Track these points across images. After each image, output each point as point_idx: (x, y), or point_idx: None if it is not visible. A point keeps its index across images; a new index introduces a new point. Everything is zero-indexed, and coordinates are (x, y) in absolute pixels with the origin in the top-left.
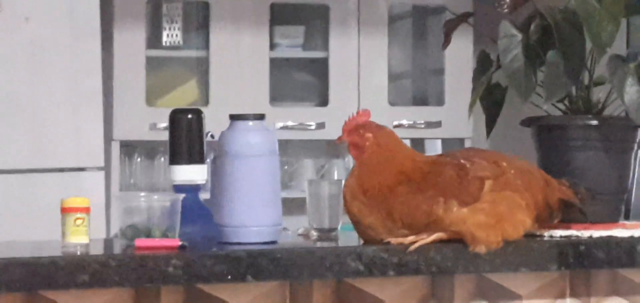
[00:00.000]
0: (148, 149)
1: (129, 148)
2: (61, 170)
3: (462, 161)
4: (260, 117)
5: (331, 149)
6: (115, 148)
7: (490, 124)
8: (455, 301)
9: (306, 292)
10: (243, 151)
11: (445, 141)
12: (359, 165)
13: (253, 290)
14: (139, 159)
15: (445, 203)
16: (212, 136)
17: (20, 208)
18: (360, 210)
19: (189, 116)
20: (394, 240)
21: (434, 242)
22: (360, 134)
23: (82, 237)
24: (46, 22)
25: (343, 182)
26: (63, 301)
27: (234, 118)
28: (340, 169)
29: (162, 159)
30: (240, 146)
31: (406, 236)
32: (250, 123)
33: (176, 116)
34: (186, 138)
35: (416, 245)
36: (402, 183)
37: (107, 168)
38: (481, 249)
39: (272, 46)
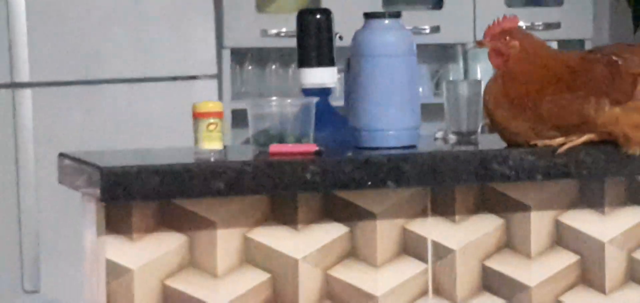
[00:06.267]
0: (259, 57)
1: (239, 56)
2: (173, 79)
3: (613, 57)
4: (397, 15)
5: (446, 54)
6: (226, 56)
7: (638, 20)
8: (605, 206)
9: (448, 198)
10: (381, 51)
11: (562, 43)
12: (503, 73)
13: (393, 196)
14: (250, 67)
15: (596, 103)
16: (340, 37)
17: (132, 117)
18: (504, 116)
19: (318, 16)
20: (541, 143)
21: (584, 144)
22: (504, 42)
23: (216, 143)
24: None
25: (482, 85)
26: (197, 209)
27: (369, 16)
28: (455, 75)
29: (273, 66)
30: (378, 46)
31: (554, 139)
32: (386, 21)
33: (304, 17)
34: (315, 40)
35: (565, 147)
36: (550, 83)
37: (219, 76)
38: (635, 151)
39: None
